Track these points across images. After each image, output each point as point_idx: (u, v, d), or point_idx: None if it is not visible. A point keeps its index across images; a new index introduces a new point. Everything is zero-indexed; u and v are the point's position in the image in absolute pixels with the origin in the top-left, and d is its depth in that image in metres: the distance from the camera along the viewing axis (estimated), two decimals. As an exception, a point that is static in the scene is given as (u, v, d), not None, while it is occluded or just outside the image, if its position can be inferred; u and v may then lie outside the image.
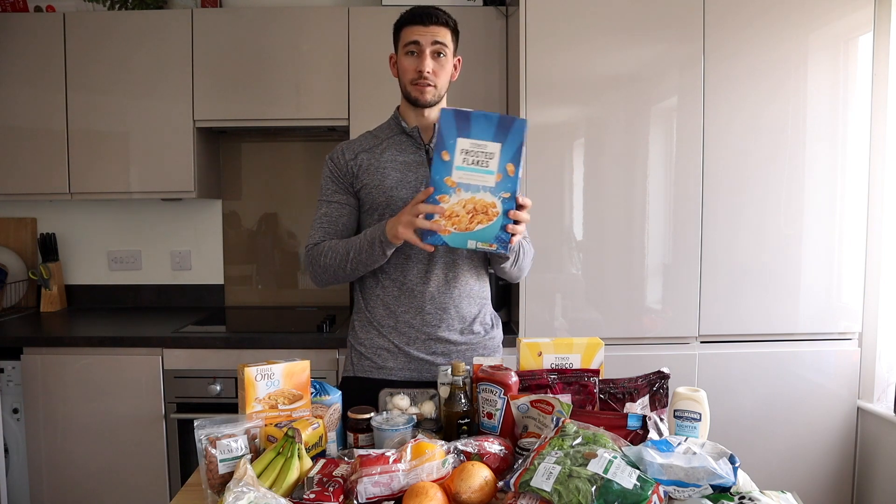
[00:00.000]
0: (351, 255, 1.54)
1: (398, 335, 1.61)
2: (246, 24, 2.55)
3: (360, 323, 1.67)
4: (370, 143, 1.66)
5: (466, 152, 1.32)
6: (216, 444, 1.14)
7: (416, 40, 1.55)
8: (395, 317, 1.61)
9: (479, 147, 1.31)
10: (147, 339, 2.34)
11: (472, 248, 1.36)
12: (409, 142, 1.64)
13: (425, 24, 1.55)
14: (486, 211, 1.34)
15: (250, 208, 2.97)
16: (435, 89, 1.58)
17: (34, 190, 2.60)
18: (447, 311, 1.61)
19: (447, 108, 1.36)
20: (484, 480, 1.07)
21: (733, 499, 0.99)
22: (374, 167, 1.61)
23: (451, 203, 1.34)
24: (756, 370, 2.30)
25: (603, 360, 1.41)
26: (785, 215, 2.28)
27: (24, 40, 2.54)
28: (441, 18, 1.57)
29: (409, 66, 1.57)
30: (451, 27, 1.59)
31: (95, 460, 2.36)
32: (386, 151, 1.63)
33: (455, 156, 1.32)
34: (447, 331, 1.61)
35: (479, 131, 1.31)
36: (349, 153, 1.65)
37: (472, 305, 1.65)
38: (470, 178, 1.33)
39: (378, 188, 1.59)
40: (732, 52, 2.23)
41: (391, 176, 1.60)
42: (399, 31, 1.60)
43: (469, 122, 1.31)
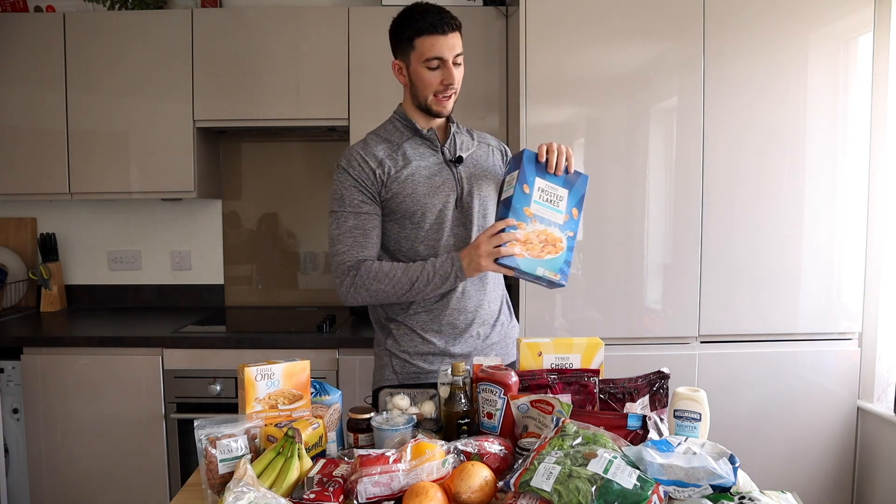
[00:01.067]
0: (416, 285, 1.53)
1: (441, 337, 1.64)
2: (246, 24, 2.55)
3: (400, 331, 1.65)
4: (387, 147, 1.61)
5: (542, 190, 1.49)
6: (216, 444, 1.15)
7: (439, 55, 1.52)
8: (438, 320, 1.63)
9: (552, 189, 1.50)
10: (147, 339, 2.34)
11: (539, 274, 1.47)
12: (426, 145, 1.64)
13: (445, 34, 1.52)
14: (555, 243, 1.49)
15: (250, 208, 2.97)
16: (456, 97, 1.61)
17: (34, 190, 2.60)
18: (481, 306, 1.66)
19: (530, 150, 1.49)
20: (484, 480, 1.07)
21: (733, 499, 0.99)
22: (403, 175, 1.58)
23: (528, 231, 1.47)
24: (756, 370, 2.30)
25: (603, 360, 1.41)
26: (785, 215, 2.28)
27: (24, 40, 2.55)
28: (455, 23, 1.55)
29: (432, 79, 1.55)
30: (460, 29, 1.57)
31: (95, 460, 2.36)
32: (407, 156, 1.61)
33: (534, 191, 1.48)
34: (482, 325, 1.67)
35: (553, 176, 1.50)
36: (373, 161, 1.58)
37: (497, 299, 1.72)
38: (544, 213, 1.49)
39: (410, 197, 1.57)
40: (732, 53, 2.23)
41: (421, 183, 1.59)
42: (412, 39, 1.53)
43: (545, 167, 1.49)
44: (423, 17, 1.53)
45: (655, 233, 2.29)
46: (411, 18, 1.54)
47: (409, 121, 1.63)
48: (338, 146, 2.88)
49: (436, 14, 1.53)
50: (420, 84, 1.56)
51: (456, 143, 1.66)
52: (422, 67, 1.54)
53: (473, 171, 1.66)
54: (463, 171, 1.64)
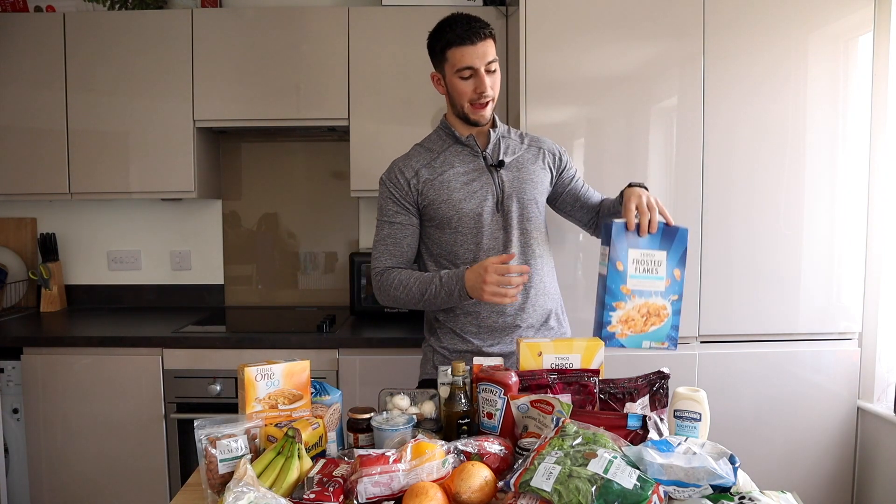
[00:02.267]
0: (426, 297, 1.58)
1: (480, 338, 1.66)
2: (246, 24, 2.55)
3: (443, 330, 1.71)
4: (426, 157, 1.67)
5: (637, 262, 1.42)
6: (216, 444, 1.15)
7: (470, 65, 1.54)
8: (477, 322, 1.66)
9: (648, 256, 1.43)
10: (147, 339, 2.34)
11: (645, 348, 1.45)
12: (467, 151, 1.66)
13: (475, 44, 1.53)
14: (658, 313, 1.45)
15: (250, 208, 2.97)
16: (493, 104, 1.61)
17: (34, 190, 2.60)
18: (525, 310, 1.66)
19: (618, 220, 1.43)
20: (484, 480, 1.07)
21: (733, 499, 0.99)
22: (439, 182, 1.63)
23: (627, 309, 1.43)
24: (756, 370, 2.30)
25: (603, 360, 1.41)
26: (785, 215, 2.28)
27: (24, 40, 2.54)
28: (485, 32, 1.55)
29: (466, 89, 1.57)
30: (492, 36, 1.57)
31: (95, 460, 2.36)
32: (446, 164, 1.65)
33: (627, 265, 1.42)
34: (526, 329, 1.68)
35: (648, 241, 1.43)
36: (409, 171, 1.65)
37: (548, 302, 1.72)
38: (642, 286, 1.44)
39: (446, 202, 1.62)
40: (732, 53, 2.23)
41: (458, 189, 1.62)
42: (444, 51, 1.57)
43: (638, 235, 1.43)
44: (452, 28, 1.55)
45: (655, 233, 2.28)
46: (442, 30, 1.57)
47: (450, 129, 1.67)
48: (338, 146, 2.88)
49: (465, 24, 1.54)
50: (455, 94, 1.60)
51: (500, 147, 1.68)
52: (455, 78, 1.57)
53: (517, 175, 1.67)
54: (505, 175, 1.65)
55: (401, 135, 2.30)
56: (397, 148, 1.82)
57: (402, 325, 2.50)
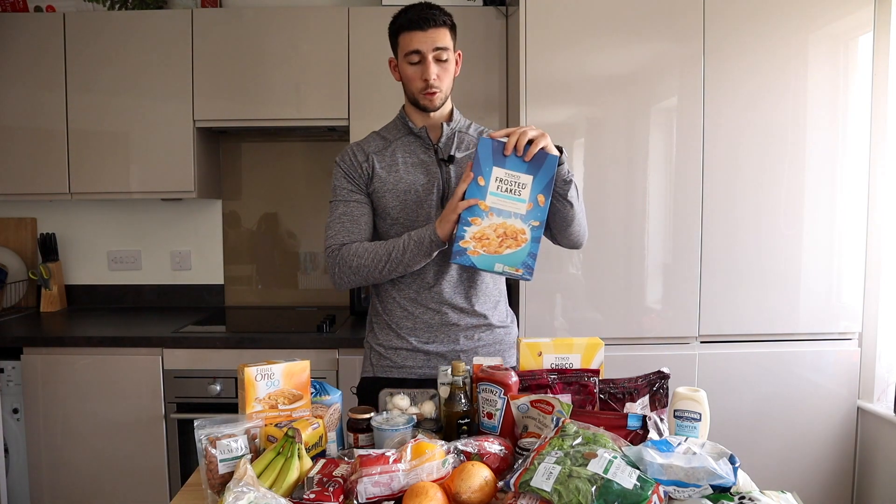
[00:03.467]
0: (393, 255, 1.53)
1: (416, 335, 1.64)
2: (246, 24, 2.55)
3: (379, 326, 1.70)
4: (380, 144, 1.66)
5: (501, 180, 1.38)
6: (216, 444, 1.14)
7: (417, 49, 1.52)
8: (413, 318, 1.64)
9: (512, 177, 1.38)
10: (147, 339, 2.34)
11: (498, 271, 1.40)
12: (418, 142, 1.64)
13: (424, 29, 1.51)
14: (515, 236, 1.40)
15: (250, 208, 2.97)
16: (442, 93, 1.58)
17: (34, 190, 2.60)
18: (464, 308, 1.64)
19: (485, 137, 1.39)
20: (484, 480, 1.07)
21: (733, 499, 0.99)
22: (386, 171, 1.62)
23: (483, 226, 1.39)
24: (756, 370, 2.30)
25: (603, 360, 1.41)
26: (785, 215, 2.28)
27: (24, 40, 2.54)
28: (438, 19, 1.53)
29: (413, 74, 1.56)
30: (448, 25, 1.56)
31: (95, 460, 2.36)
32: (396, 153, 1.63)
33: (490, 182, 1.38)
34: (465, 328, 1.64)
35: (514, 163, 1.38)
36: (360, 155, 1.64)
37: (488, 301, 1.68)
38: (502, 205, 1.39)
39: (391, 192, 1.61)
40: (732, 52, 2.23)
41: (403, 180, 1.61)
42: (396, 35, 1.56)
43: (508, 155, 1.37)
44: (406, 12, 1.54)
45: (655, 233, 2.29)
46: (398, 15, 1.56)
47: (405, 119, 1.65)
48: (338, 146, 2.88)
49: (419, 10, 1.53)
50: (405, 79, 1.59)
51: (454, 142, 1.65)
52: (404, 62, 1.56)
53: None
54: (454, 170, 1.62)
55: (401, 135, 2.30)
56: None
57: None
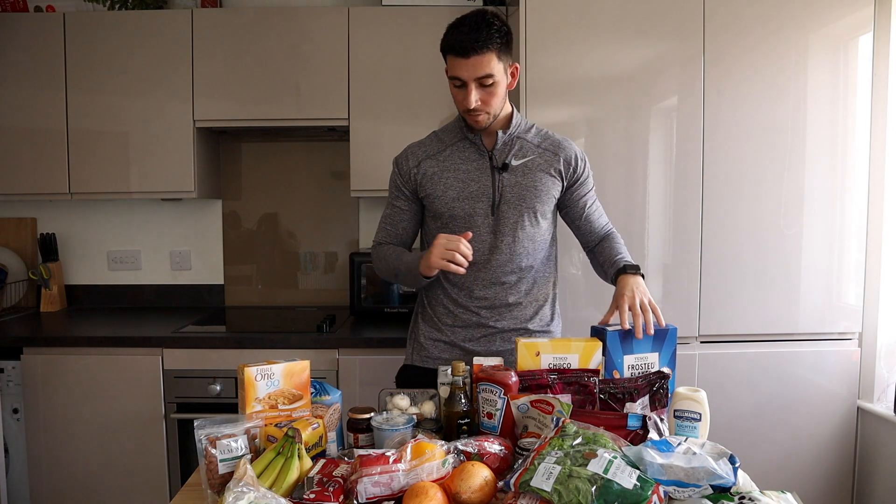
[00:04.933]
0: (399, 275, 1.63)
1: (456, 333, 1.68)
2: (246, 24, 2.55)
3: (424, 317, 1.75)
4: (435, 147, 1.67)
5: (633, 367, 1.44)
6: (216, 444, 1.15)
7: (458, 76, 1.50)
8: (453, 316, 1.68)
9: (641, 360, 1.45)
10: (147, 339, 2.34)
11: None
12: (473, 148, 1.64)
13: (466, 57, 1.47)
14: None
15: (250, 208, 2.97)
16: (488, 116, 1.56)
17: (34, 190, 2.60)
18: (503, 312, 1.67)
19: (612, 330, 1.42)
20: (484, 480, 1.07)
21: (733, 499, 0.99)
22: (438, 176, 1.63)
23: None
24: (756, 370, 2.30)
25: (601, 361, 1.41)
26: (785, 215, 2.28)
27: (24, 40, 2.54)
28: (481, 46, 1.45)
29: (457, 96, 1.55)
30: (496, 47, 1.48)
31: (95, 460, 2.36)
32: (449, 158, 1.64)
33: (623, 372, 1.43)
34: (503, 330, 1.67)
35: (640, 346, 1.44)
36: (413, 160, 1.66)
37: (530, 307, 1.70)
38: None
39: (440, 199, 1.62)
40: (732, 52, 2.23)
41: (453, 187, 1.62)
42: (444, 53, 1.53)
43: (631, 340, 1.43)
44: (453, 32, 1.49)
45: (655, 233, 2.29)
46: (448, 32, 1.51)
47: (461, 123, 1.64)
48: (338, 146, 2.88)
49: (464, 33, 1.47)
50: (452, 97, 1.58)
51: (512, 148, 1.63)
52: (450, 82, 1.55)
53: (520, 181, 1.62)
54: (507, 178, 1.61)
55: (401, 135, 2.29)
56: (397, 148, 1.81)
57: (402, 325, 2.49)
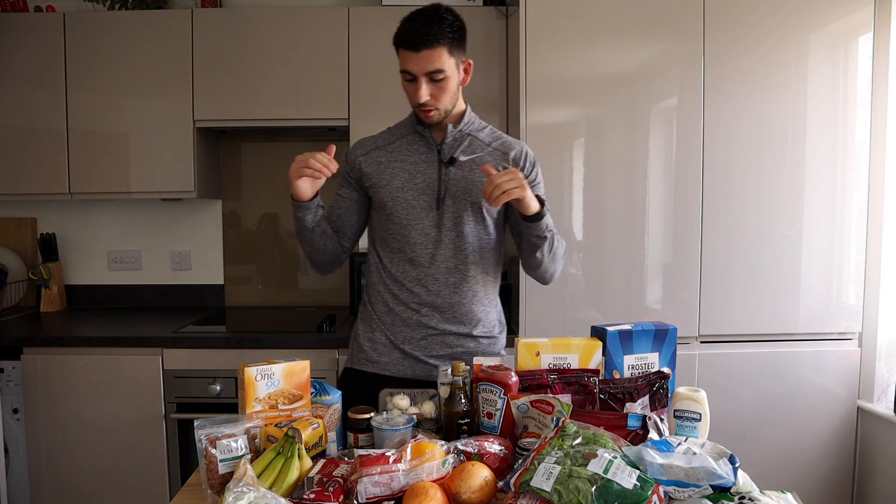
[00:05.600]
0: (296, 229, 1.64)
1: (395, 332, 1.63)
2: (246, 24, 2.55)
3: (363, 316, 1.71)
4: (385, 139, 1.67)
5: (633, 367, 1.44)
6: (216, 444, 1.14)
7: (408, 70, 1.48)
8: (393, 314, 1.63)
9: (641, 360, 1.45)
10: (147, 339, 2.34)
11: None
12: (422, 141, 1.62)
13: (416, 51, 1.44)
14: None
15: (250, 208, 2.97)
16: (439, 111, 1.54)
17: (34, 190, 2.60)
18: (446, 313, 1.61)
19: (613, 330, 1.42)
20: (484, 480, 1.07)
21: (733, 499, 0.99)
22: (384, 166, 1.62)
23: None
24: (756, 370, 2.30)
25: (601, 361, 1.41)
26: (785, 215, 2.28)
27: (24, 40, 2.54)
28: (432, 40, 1.43)
29: (408, 91, 1.53)
30: (447, 42, 1.45)
31: (95, 460, 2.36)
32: (398, 150, 1.63)
33: (623, 372, 1.43)
34: (445, 333, 1.62)
35: (641, 346, 1.44)
36: (361, 150, 1.67)
37: (475, 311, 1.63)
38: None
39: (385, 188, 1.61)
40: (732, 52, 2.23)
41: (398, 177, 1.60)
42: (395, 46, 1.50)
43: (631, 340, 1.43)
44: (404, 26, 1.46)
45: (655, 233, 2.29)
46: (401, 24, 1.49)
47: (413, 117, 1.64)
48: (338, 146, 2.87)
49: (416, 27, 1.44)
50: (404, 90, 1.55)
51: (461, 144, 1.61)
52: (401, 76, 1.52)
53: (467, 176, 1.59)
54: (454, 173, 1.59)
55: (401, 135, 2.30)
56: (397, 148, 1.81)
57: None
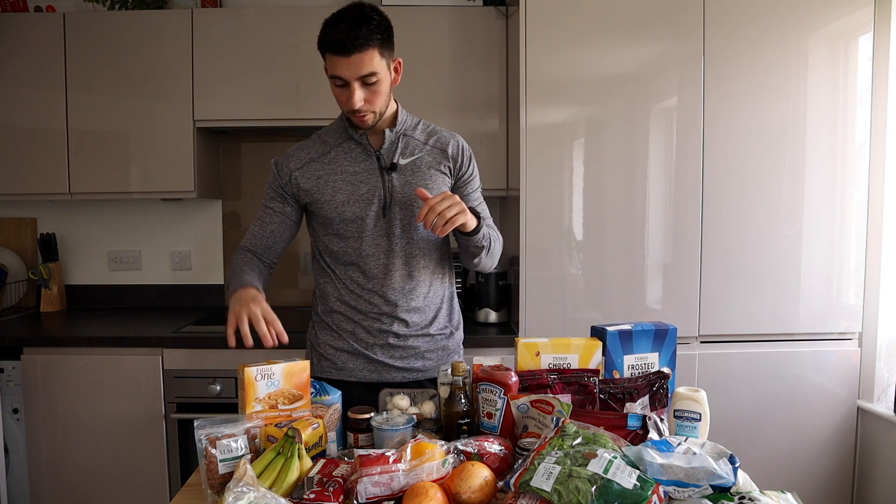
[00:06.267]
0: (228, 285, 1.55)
1: (356, 338, 1.62)
2: (246, 24, 2.55)
3: (320, 325, 1.67)
4: (319, 149, 1.59)
5: (633, 367, 1.44)
6: (216, 444, 1.14)
7: (339, 75, 1.42)
8: (353, 321, 1.62)
9: (641, 360, 1.45)
10: (147, 339, 2.34)
11: None
12: (359, 148, 1.57)
13: (347, 56, 1.39)
14: None
15: (250, 208, 2.96)
16: (374, 114, 1.49)
17: (34, 190, 2.60)
18: (405, 317, 1.60)
19: (613, 330, 1.41)
20: (484, 480, 1.07)
21: (733, 499, 0.99)
22: (324, 180, 1.56)
23: None
24: (756, 370, 2.30)
25: (601, 361, 1.41)
26: (785, 215, 2.28)
27: (24, 40, 2.54)
28: (362, 43, 1.38)
29: (339, 96, 1.46)
30: (378, 43, 1.41)
31: (95, 460, 2.36)
32: (335, 160, 1.57)
33: (623, 372, 1.43)
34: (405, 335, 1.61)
35: (640, 346, 1.44)
36: (294, 162, 1.59)
37: (430, 309, 1.63)
38: None
39: (329, 204, 1.56)
40: (732, 52, 2.23)
41: (342, 190, 1.55)
42: (322, 52, 1.46)
43: (631, 340, 1.43)
44: (330, 29, 1.42)
45: (655, 233, 2.29)
46: (325, 27, 1.43)
47: (345, 123, 1.57)
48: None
49: (344, 30, 1.39)
50: (334, 96, 1.49)
51: (398, 147, 1.56)
52: (330, 81, 1.47)
53: (409, 180, 1.55)
54: (396, 179, 1.55)
55: (401, 135, 2.30)
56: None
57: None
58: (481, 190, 1.71)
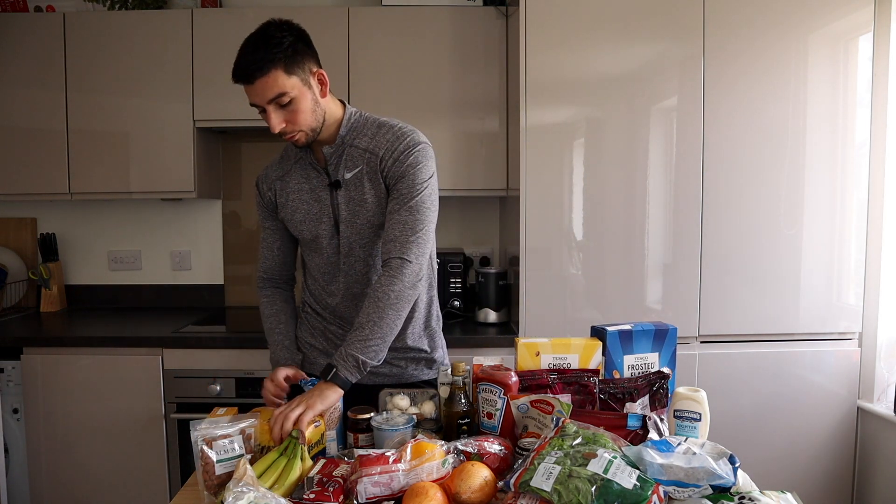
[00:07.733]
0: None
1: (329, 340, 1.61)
2: (246, 24, 2.50)
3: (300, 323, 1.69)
4: (283, 167, 1.59)
5: (633, 367, 1.44)
6: (212, 444, 1.14)
7: (253, 103, 1.41)
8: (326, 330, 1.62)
9: (641, 360, 1.45)
10: (147, 339, 2.34)
11: None
12: (311, 166, 1.54)
13: (251, 83, 1.37)
14: None
15: (250, 208, 2.96)
16: (304, 133, 1.44)
17: (34, 190, 2.60)
18: None
19: (613, 330, 1.41)
20: (484, 480, 1.07)
21: (733, 499, 0.99)
22: (286, 199, 1.56)
23: None
24: (756, 370, 2.30)
25: (601, 361, 1.41)
26: (785, 215, 2.28)
27: (24, 40, 2.54)
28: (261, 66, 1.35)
29: (265, 121, 1.42)
30: (281, 63, 1.37)
31: (95, 460, 2.36)
32: (293, 179, 1.56)
33: (624, 372, 1.42)
34: None
35: (640, 346, 1.44)
36: (267, 183, 1.61)
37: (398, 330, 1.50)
38: None
39: (290, 222, 1.57)
40: (732, 52, 2.23)
41: (299, 210, 1.54)
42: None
43: (631, 340, 1.43)
44: (238, 57, 1.40)
45: (655, 233, 2.29)
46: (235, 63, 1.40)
47: None
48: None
49: (243, 56, 1.38)
50: None
51: (342, 162, 1.49)
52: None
53: (352, 196, 1.48)
54: (342, 195, 1.49)
55: (401, 135, 2.30)
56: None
57: (402, 325, 2.49)
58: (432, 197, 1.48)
